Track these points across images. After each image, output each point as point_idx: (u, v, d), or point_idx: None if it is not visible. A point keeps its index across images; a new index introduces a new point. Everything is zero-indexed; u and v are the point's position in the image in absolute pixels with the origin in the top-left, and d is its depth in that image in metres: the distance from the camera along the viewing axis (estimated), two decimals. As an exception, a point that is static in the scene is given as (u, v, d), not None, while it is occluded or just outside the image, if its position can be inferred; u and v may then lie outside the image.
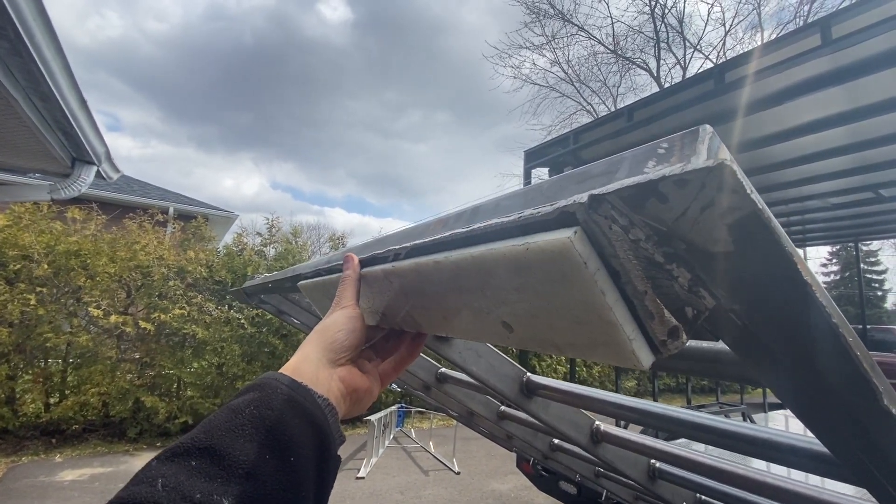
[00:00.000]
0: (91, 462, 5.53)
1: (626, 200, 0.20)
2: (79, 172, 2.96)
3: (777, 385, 0.31)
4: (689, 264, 0.23)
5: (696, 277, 0.24)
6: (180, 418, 6.46)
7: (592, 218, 0.22)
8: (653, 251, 0.22)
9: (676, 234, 0.21)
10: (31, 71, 1.88)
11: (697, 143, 0.25)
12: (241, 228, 8.38)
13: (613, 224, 0.21)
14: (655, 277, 0.23)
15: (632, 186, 0.20)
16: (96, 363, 6.16)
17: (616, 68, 17.32)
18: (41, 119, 2.33)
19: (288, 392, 0.42)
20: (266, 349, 7.22)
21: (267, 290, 1.80)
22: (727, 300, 0.24)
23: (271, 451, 0.36)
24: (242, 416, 0.38)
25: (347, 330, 0.53)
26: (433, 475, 5.53)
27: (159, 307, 6.56)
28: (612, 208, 0.21)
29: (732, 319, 0.25)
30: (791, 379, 0.29)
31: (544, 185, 0.38)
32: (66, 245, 6.14)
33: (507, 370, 1.07)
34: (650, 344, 0.24)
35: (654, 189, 0.19)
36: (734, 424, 0.68)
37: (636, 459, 1.28)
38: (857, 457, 0.34)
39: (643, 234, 0.22)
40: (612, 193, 0.20)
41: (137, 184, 13.43)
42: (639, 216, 0.21)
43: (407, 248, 0.41)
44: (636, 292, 0.23)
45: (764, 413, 5.20)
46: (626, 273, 0.23)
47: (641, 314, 0.24)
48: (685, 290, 0.24)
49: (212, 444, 0.35)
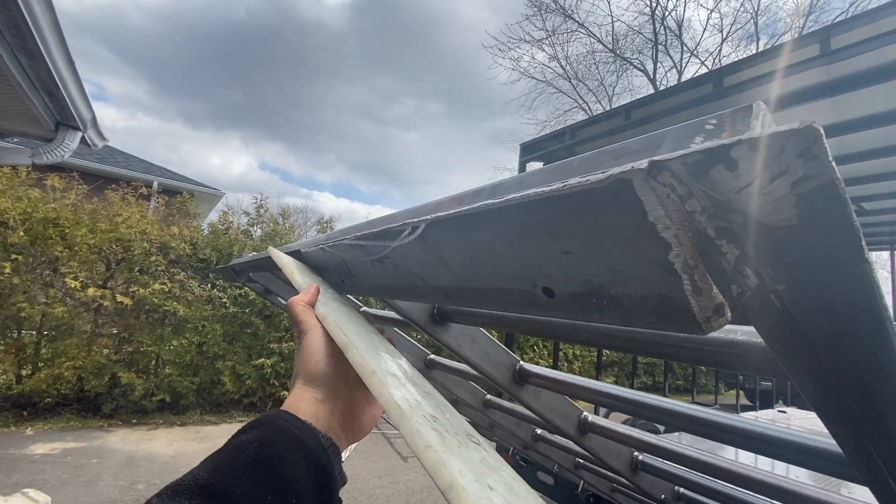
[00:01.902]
0: (63, 436, 5.43)
1: (690, 168, 0.20)
2: (62, 137, 2.85)
3: (800, 372, 0.31)
4: (739, 240, 0.23)
5: (744, 254, 0.23)
6: (157, 395, 6.37)
7: (651, 185, 0.21)
8: (706, 224, 0.22)
9: (735, 207, 0.21)
10: (19, 25, 1.79)
11: (752, 119, 0.25)
12: (227, 207, 8.23)
13: (672, 193, 0.21)
14: (706, 252, 0.22)
15: (700, 151, 0.19)
16: (72, 336, 6.01)
17: (613, 68, 17.37)
18: (25, 78, 2.23)
19: (291, 431, 0.41)
20: (248, 329, 7.14)
21: (257, 268, 1.77)
22: (772, 280, 0.24)
23: (273, 492, 0.36)
24: (245, 454, 0.38)
25: (326, 352, 0.53)
26: (412, 461, 5.58)
27: (139, 282, 6.42)
28: (672, 176, 0.20)
29: (771, 301, 0.25)
30: (817, 365, 0.29)
31: (575, 161, 0.37)
32: (44, 213, 5.94)
33: (502, 357, 1.07)
34: (692, 321, 0.24)
35: (725, 154, 0.18)
36: (730, 418, 0.70)
37: (620, 451, 1.30)
38: (868, 452, 0.35)
39: (700, 205, 0.21)
40: (675, 160, 0.20)
41: (121, 155, 13.04)
42: (699, 185, 0.20)
43: (428, 220, 0.40)
44: (686, 267, 0.23)
45: (737, 414, 5.37)
46: (679, 246, 0.22)
47: (688, 290, 0.23)
48: (732, 267, 0.24)
49: (213, 483, 0.35)
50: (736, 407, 5.98)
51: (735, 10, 15.91)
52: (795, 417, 5.12)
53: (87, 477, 4.36)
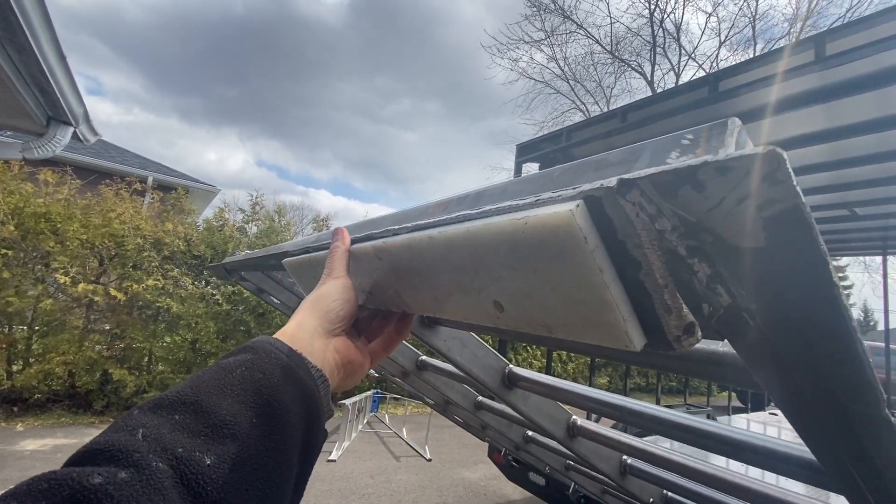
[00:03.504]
0: (54, 433, 5.38)
1: (659, 187, 0.19)
2: (54, 132, 2.82)
3: (775, 388, 0.31)
4: (710, 259, 0.22)
5: (716, 273, 0.23)
6: (149, 392, 6.32)
7: (619, 204, 0.21)
8: (676, 243, 0.22)
9: (705, 227, 0.20)
10: (8, 19, 1.76)
11: (726, 136, 0.25)
12: (222, 203, 8.18)
13: (641, 212, 0.20)
14: (676, 271, 0.22)
15: (668, 172, 0.19)
16: (63, 332, 5.96)
17: (612, 69, 17.41)
18: (16, 72, 2.20)
19: (282, 358, 0.40)
20: (241, 327, 7.11)
21: (249, 267, 1.75)
22: (744, 299, 0.24)
23: (259, 416, 0.35)
24: (233, 375, 0.37)
25: (343, 300, 0.52)
26: (404, 461, 5.58)
27: (133, 277, 6.38)
28: (642, 195, 0.20)
29: (745, 319, 0.25)
30: (792, 382, 0.29)
31: (555, 171, 0.37)
32: (34, 207, 5.88)
33: (490, 361, 1.07)
34: (663, 339, 0.24)
35: (692, 176, 0.18)
36: (714, 425, 0.70)
37: (609, 455, 1.30)
38: (843, 464, 0.35)
39: (670, 224, 0.21)
40: (644, 179, 0.19)
41: (116, 150, 12.93)
42: (669, 205, 0.20)
43: (407, 227, 0.40)
44: (656, 286, 0.22)
45: (728, 416, 5.40)
46: (648, 265, 0.22)
47: (659, 308, 0.23)
48: (703, 285, 0.23)
49: (198, 400, 0.34)
50: (728, 409, 6.01)
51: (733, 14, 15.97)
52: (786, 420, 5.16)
53: (76, 474, 4.33)
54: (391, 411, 8.14)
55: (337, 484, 4.69)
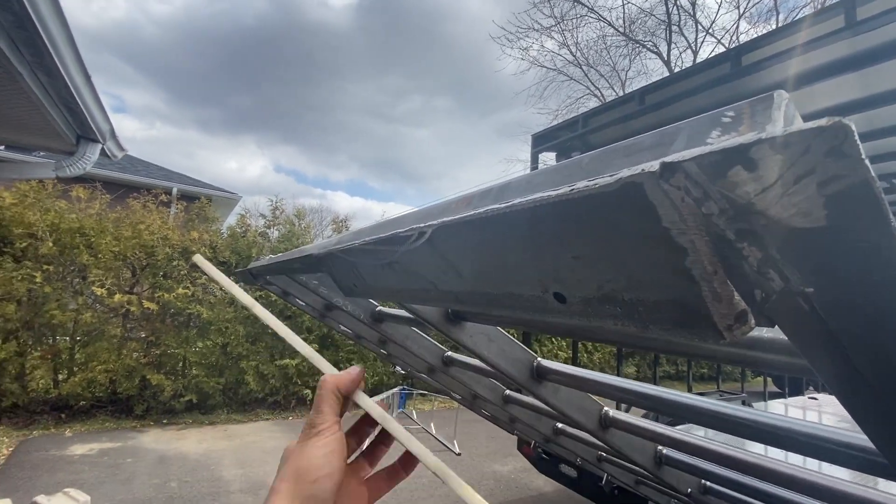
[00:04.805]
0: (99, 437, 5.64)
1: (706, 169, 0.18)
2: (83, 150, 2.93)
3: (830, 374, 0.30)
4: (762, 242, 0.21)
5: (768, 257, 0.22)
6: (185, 396, 6.56)
7: (663, 189, 0.20)
8: (725, 227, 0.20)
9: (757, 209, 0.19)
10: (36, 44, 1.84)
11: (773, 110, 0.23)
12: (244, 210, 8.36)
13: (686, 196, 0.19)
14: (726, 256, 0.21)
15: (716, 151, 0.17)
16: (102, 341, 6.23)
17: (626, 52, 16.97)
18: (46, 95, 2.30)
19: None
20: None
21: (273, 271, 1.79)
22: (799, 282, 0.22)
23: None
24: None
25: (330, 470, 0.45)
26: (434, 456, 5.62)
27: (163, 286, 6.60)
28: (687, 178, 0.19)
29: (799, 304, 0.24)
30: (850, 367, 0.27)
31: (584, 159, 0.36)
32: (69, 223, 6.15)
33: (518, 354, 1.06)
34: (712, 329, 0.23)
35: (744, 155, 0.17)
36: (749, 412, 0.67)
37: (643, 445, 1.28)
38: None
39: (717, 207, 0.20)
40: (689, 161, 0.18)
41: (141, 164, 13.38)
42: (716, 187, 0.19)
43: (434, 225, 0.39)
44: (705, 273, 0.21)
45: (764, 402, 5.23)
46: (696, 252, 0.21)
47: (707, 297, 0.22)
48: (755, 270, 0.22)
49: None
50: (764, 394, 5.82)
51: (752, -17, 15.35)
52: (827, 404, 4.97)
53: (123, 476, 4.53)
54: (418, 407, 8.21)
55: (369, 480, 4.77)
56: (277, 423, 6.79)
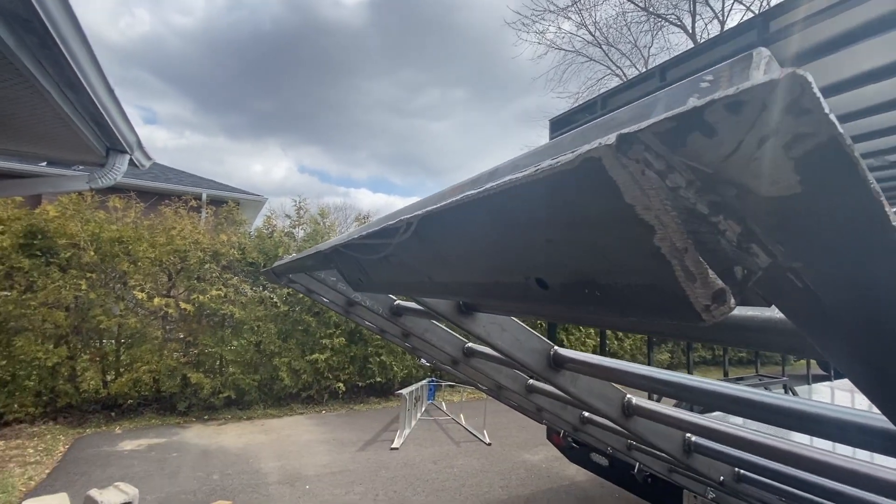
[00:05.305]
0: (147, 433, 5.96)
1: (663, 138, 0.17)
2: (113, 161, 3.07)
3: (836, 352, 0.27)
4: (739, 215, 0.19)
5: (748, 231, 0.20)
6: (224, 393, 6.84)
7: (621, 163, 0.18)
8: (695, 200, 0.19)
9: (725, 178, 0.18)
10: (60, 62, 1.93)
11: (751, 70, 0.21)
12: (270, 211, 8.58)
13: (647, 169, 0.18)
14: (698, 232, 0.19)
15: (670, 118, 0.16)
16: (145, 343, 6.57)
17: (647, 27, 16.32)
18: (73, 110, 2.41)
19: None
20: (300, 327, 7.48)
21: (293, 270, 1.82)
22: (786, 257, 0.21)
23: None
24: None
25: None
26: (464, 446, 5.66)
27: (198, 289, 6.87)
28: (646, 149, 0.17)
29: (790, 280, 0.22)
30: (854, 345, 0.25)
31: (566, 138, 0.34)
32: (109, 232, 6.47)
33: (534, 344, 1.04)
34: (690, 310, 0.21)
35: (699, 119, 0.15)
36: (775, 397, 0.64)
37: (670, 433, 1.24)
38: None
39: (684, 179, 0.18)
40: (644, 130, 0.17)
41: (171, 172, 13.90)
42: (679, 157, 0.17)
43: (419, 215, 0.38)
44: (674, 250, 0.20)
45: (808, 385, 4.98)
46: (663, 228, 0.19)
47: (680, 276, 0.20)
48: (734, 246, 0.20)
49: None
50: (807, 377, 5.55)
51: (782, -56, 14.38)
52: None
53: (169, 469, 4.77)
54: (447, 398, 8.28)
55: (401, 471, 4.85)
56: (311, 417, 6.99)
